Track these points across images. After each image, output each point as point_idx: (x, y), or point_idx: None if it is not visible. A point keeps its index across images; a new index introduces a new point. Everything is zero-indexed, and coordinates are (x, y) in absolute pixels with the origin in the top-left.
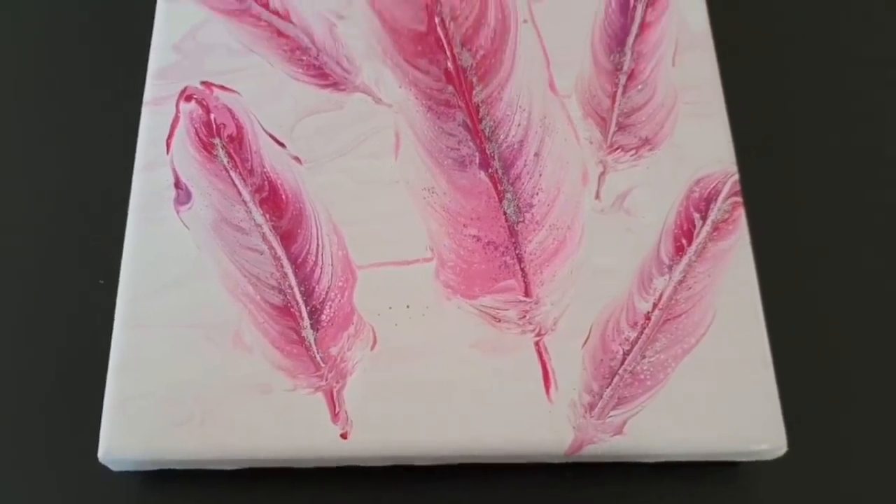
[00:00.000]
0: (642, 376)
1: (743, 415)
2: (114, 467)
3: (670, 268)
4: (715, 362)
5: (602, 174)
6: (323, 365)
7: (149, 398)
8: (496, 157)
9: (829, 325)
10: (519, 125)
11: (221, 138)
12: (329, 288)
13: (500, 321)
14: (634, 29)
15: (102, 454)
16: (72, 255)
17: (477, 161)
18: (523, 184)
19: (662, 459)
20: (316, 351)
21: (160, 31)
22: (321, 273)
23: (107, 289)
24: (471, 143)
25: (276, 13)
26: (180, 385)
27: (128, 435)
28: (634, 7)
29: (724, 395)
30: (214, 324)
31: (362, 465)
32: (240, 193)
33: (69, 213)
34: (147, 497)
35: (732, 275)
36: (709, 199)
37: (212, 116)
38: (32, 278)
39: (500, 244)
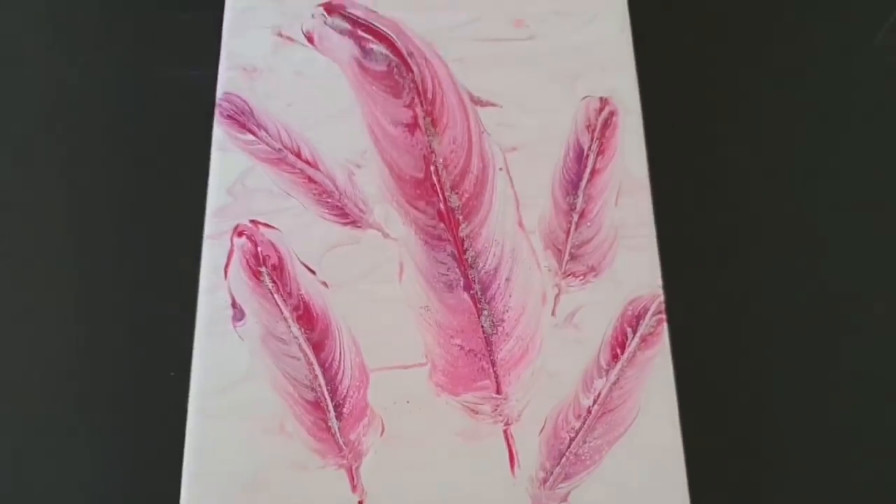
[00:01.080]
0: (583, 457)
1: (658, 488)
2: None
3: (607, 371)
4: (638, 447)
5: (557, 295)
6: (345, 448)
7: (217, 474)
8: (476, 281)
9: (730, 416)
10: (494, 255)
11: (267, 267)
12: (349, 387)
13: (477, 413)
14: (586, 175)
15: None
16: (150, 356)
17: (461, 284)
18: (496, 303)
19: None
20: (339, 437)
21: (216, 177)
22: (343, 375)
23: (178, 381)
24: (457, 270)
25: (307, 162)
26: (241, 464)
27: (202, 501)
28: (587, 156)
29: (645, 472)
30: (264, 416)
31: None
32: (281, 312)
33: (146, 327)
34: None
35: (655, 377)
36: (639, 317)
37: (259, 249)
38: (119, 378)
39: (479, 352)
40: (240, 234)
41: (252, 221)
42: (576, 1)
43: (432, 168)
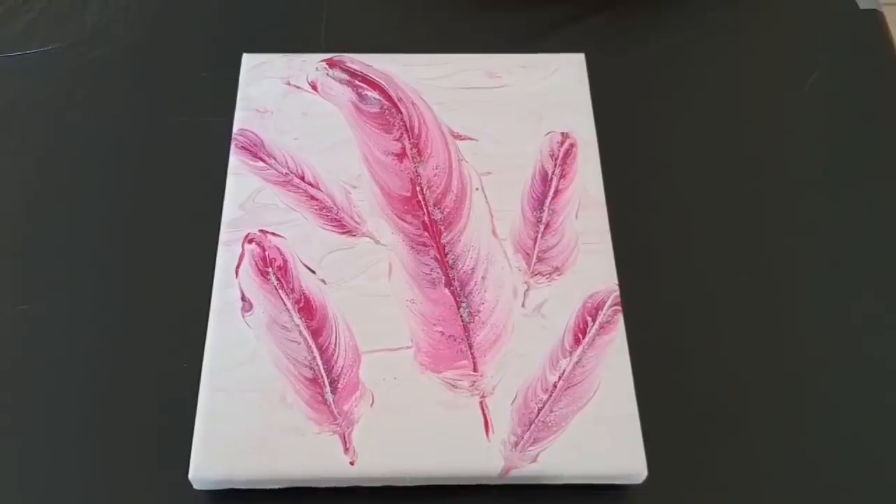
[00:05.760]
0: (550, 424)
1: (617, 452)
2: (196, 486)
3: (570, 353)
4: (598, 416)
5: (526, 290)
6: (339, 417)
7: (224, 439)
8: (456, 279)
9: (679, 389)
10: (472, 258)
11: (273, 268)
12: (343, 366)
13: (456, 388)
14: (550, 194)
15: (191, 475)
16: (167, 346)
17: (443, 282)
18: (474, 297)
19: (563, 482)
20: (334, 408)
21: (230, 196)
22: (338, 356)
23: (191, 369)
24: (439, 270)
25: (310, 183)
26: (245, 430)
27: (209, 463)
28: (551, 179)
29: (605, 438)
30: (268, 390)
31: (364, 485)
32: (285, 304)
33: (166, 319)
34: None
35: (612, 358)
36: (597, 308)
37: (266, 253)
38: (145, 359)
39: (458, 337)
40: (250, 241)
41: (261, 231)
42: (541, 58)
43: (418, 188)
